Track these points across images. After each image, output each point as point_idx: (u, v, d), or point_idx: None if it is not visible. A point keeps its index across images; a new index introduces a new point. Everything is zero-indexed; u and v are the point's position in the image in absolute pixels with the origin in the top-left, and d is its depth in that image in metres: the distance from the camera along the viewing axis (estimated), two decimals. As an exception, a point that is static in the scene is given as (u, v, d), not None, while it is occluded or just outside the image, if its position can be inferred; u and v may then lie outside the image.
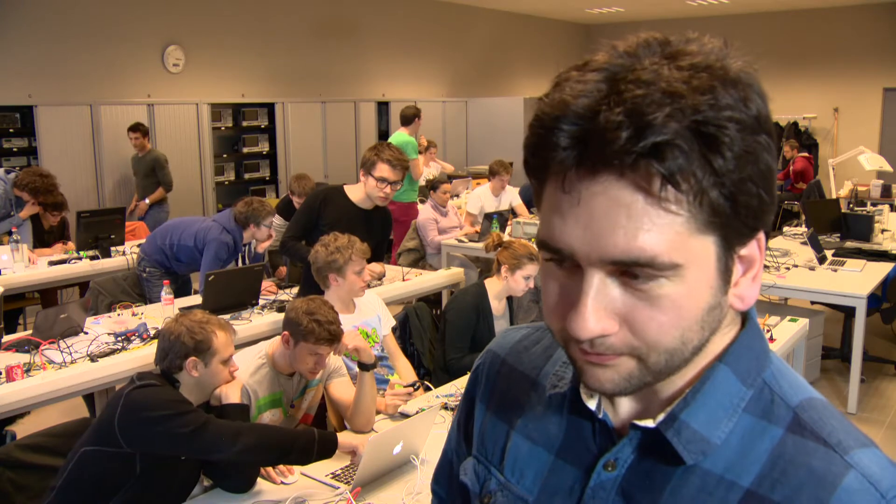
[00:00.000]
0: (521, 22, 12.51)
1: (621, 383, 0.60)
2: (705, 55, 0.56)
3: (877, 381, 4.99)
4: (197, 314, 2.30)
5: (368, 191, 3.60)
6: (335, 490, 2.25)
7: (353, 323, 3.15)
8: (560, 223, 0.58)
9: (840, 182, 8.89)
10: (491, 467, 0.79)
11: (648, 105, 0.53)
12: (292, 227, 3.72)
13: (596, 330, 0.57)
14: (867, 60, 11.61)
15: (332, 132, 9.28)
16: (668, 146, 0.52)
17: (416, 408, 2.82)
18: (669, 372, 0.61)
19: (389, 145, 3.64)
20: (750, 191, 0.56)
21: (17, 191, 5.05)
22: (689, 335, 0.59)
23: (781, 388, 0.65)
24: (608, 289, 0.57)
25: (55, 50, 6.91)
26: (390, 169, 3.52)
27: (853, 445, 0.61)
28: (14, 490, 2.25)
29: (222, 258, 4.30)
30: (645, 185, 0.54)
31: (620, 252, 0.55)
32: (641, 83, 0.54)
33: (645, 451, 0.66)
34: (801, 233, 5.96)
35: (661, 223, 0.55)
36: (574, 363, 0.63)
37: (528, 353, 0.82)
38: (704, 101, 0.53)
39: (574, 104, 0.55)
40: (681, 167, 0.53)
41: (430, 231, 6.10)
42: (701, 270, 0.57)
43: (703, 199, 0.55)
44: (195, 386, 2.23)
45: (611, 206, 0.55)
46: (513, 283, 3.46)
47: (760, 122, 0.56)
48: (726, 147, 0.53)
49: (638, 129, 0.52)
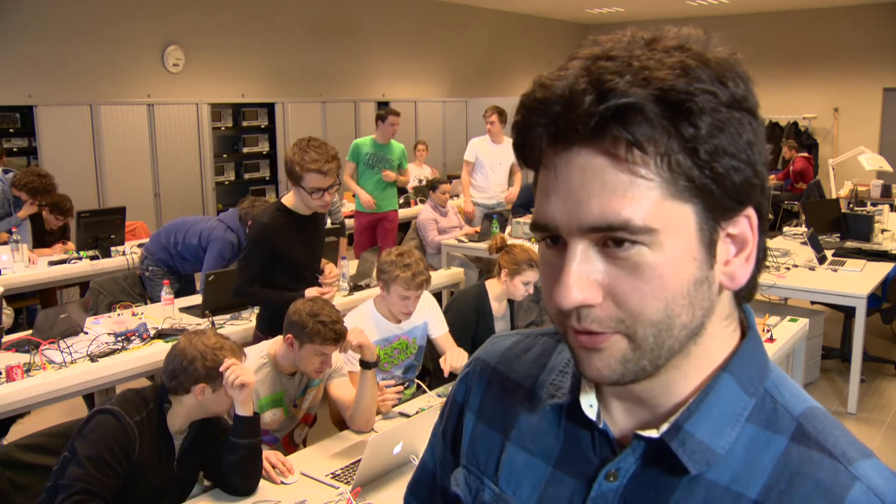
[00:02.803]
0: (521, 22, 12.52)
1: (618, 368, 0.60)
2: (681, 40, 0.58)
3: (877, 381, 4.99)
4: (210, 337, 2.22)
5: (304, 201, 3.06)
6: (335, 490, 2.24)
7: (394, 333, 3.10)
8: (544, 200, 0.60)
9: (840, 182, 8.89)
10: (484, 478, 0.78)
11: (612, 73, 0.55)
12: (245, 272, 3.10)
13: (578, 298, 0.58)
14: (867, 60, 11.62)
15: (332, 132, 9.28)
16: (631, 109, 0.54)
17: (415, 408, 2.82)
18: (662, 353, 0.60)
19: (312, 145, 3.00)
20: (727, 163, 0.56)
21: (15, 191, 5.05)
22: (675, 308, 0.58)
23: (784, 397, 0.65)
24: (590, 259, 0.58)
25: (55, 50, 6.91)
26: (321, 178, 2.98)
27: (857, 456, 0.61)
28: (14, 490, 2.25)
29: (226, 257, 4.30)
30: (612, 150, 0.56)
31: (596, 218, 0.57)
32: (611, 58, 0.56)
33: (647, 461, 0.65)
34: (801, 233, 5.96)
35: (634, 188, 0.56)
36: (572, 352, 0.63)
37: (520, 361, 0.81)
38: (672, 73, 0.55)
39: (553, 86, 0.58)
40: (645, 132, 0.55)
41: (430, 231, 6.10)
42: (680, 239, 0.58)
43: (671, 164, 0.56)
44: (196, 407, 2.20)
45: (585, 174, 0.57)
46: (512, 288, 3.47)
47: (737, 99, 0.57)
48: (695, 115, 0.55)
49: (600, 93, 0.55)
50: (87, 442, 2.02)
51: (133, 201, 6.86)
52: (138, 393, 2.18)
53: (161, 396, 2.19)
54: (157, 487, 2.17)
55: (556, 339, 0.81)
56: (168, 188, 7.71)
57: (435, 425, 0.90)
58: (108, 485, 2.01)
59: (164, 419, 2.18)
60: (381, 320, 3.07)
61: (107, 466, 2.01)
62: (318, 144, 3.01)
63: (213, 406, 2.22)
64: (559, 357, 0.78)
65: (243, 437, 2.21)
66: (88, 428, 2.05)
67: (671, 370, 0.62)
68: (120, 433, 2.05)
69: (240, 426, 2.21)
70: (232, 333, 3.54)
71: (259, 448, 2.26)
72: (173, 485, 2.24)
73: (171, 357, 2.19)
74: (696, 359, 0.63)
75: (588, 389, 0.71)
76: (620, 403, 0.68)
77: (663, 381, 0.63)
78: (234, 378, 2.16)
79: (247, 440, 2.21)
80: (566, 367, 0.75)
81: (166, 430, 2.19)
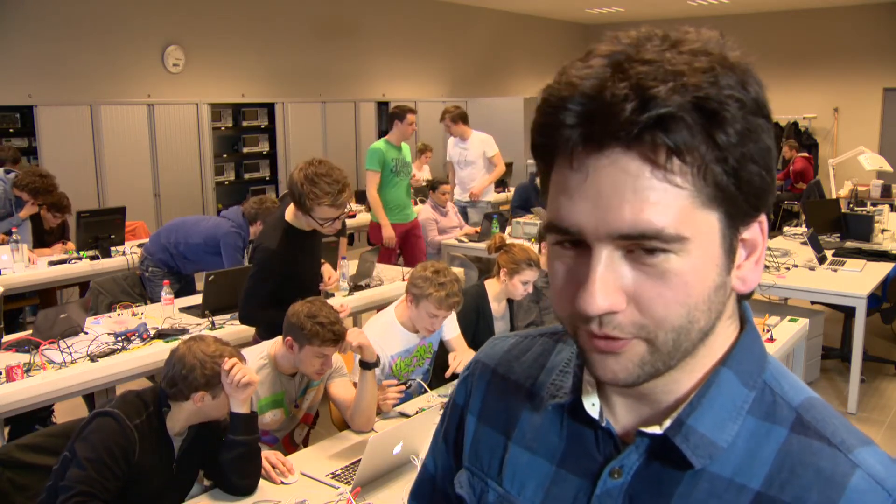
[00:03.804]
0: (521, 22, 12.52)
1: (634, 370, 0.60)
2: (704, 42, 0.58)
3: (877, 381, 4.99)
4: (210, 344, 2.21)
5: (311, 225, 2.98)
6: (335, 490, 2.24)
7: (414, 343, 3.05)
8: (567, 202, 0.59)
9: (840, 182, 8.89)
10: (488, 479, 0.78)
11: (653, 79, 0.54)
12: (257, 295, 3.00)
13: (604, 305, 0.57)
14: (867, 60, 11.62)
15: (332, 132, 9.28)
16: (673, 118, 0.54)
17: (415, 408, 2.82)
18: (677, 355, 0.60)
19: (320, 175, 2.84)
20: (752, 169, 0.57)
21: (16, 191, 5.05)
22: (696, 314, 0.59)
23: (782, 389, 0.66)
24: (616, 265, 0.58)
25: (55, 50, 6.91)
26: (334, 210, 2.90)
27: (856, 444, 0.62)
28: (13, 490, 2.25)
29: (240, 248, 4.33)
30: (652, 156, 0.55)
31: (628, 225, 0.56)
32: (645, 62, 0.55)
33: (651, 457, 0.66)
34: (801, 233, 5.96)
35: (666, 196, 0.56)
36: (583, 354, 0.63)
37: (520, 363, 0.81)
38: (705, 79, 0.55)
39: (581, 84, 0.56)
40: (685, 140, 0.54)
41: (430, 231, 6.10)
42: (706, 246, 0.58)
43: (706, 174, 0.56)
44: (195, 413, 2.20)
45: (617, 179, 0.56)
46: (511, 288, 3.47)
47: (759, 104, 0.57)
48: (728, 123, 0.55)
49: (643, 100, 0.54)
50: (88, 444, 2.03)
51: (133, 201, 6.86)
52: (138, 395, 2.18)
53: (160, 400, 2.19)
54: (156, 489, 2.17)
55: (554, 339, 0.81)
56: (168, 188, 7.71)
57: (436, 429, 0.90)
58: (108, 487, 2.01)
59: (164, 422, 2.19)
60: (404, 331, 3.02)
61: (107, 469, 2.01)
62: (325, 172, 2.84)
63: (213, 412, 2.22)
64: (558, 357, 0.78)
65: (241, 434, 2.21)
66: (89, 430, 2.05)
67: (678, 370, 0.63)
68: (120, 436, 2.06)
69: (237, 424, 2.22)
70: (232, 333, 3.54)
71: (257, 446, 2.26)
72: (172, 486, 2.24)
73: (171, 364, 2.18)
74: (702, 357, 0.64)
75: (590, 389, 0.71)
76: (623, 400, 0.69)
77: (668, 379, 0.64)
78: (240, 378, 2.16)
79: (244, 437, 2.21)
80: (566, 367, 0.76)
81: (165, 432, 2.19)
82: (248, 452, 2.22)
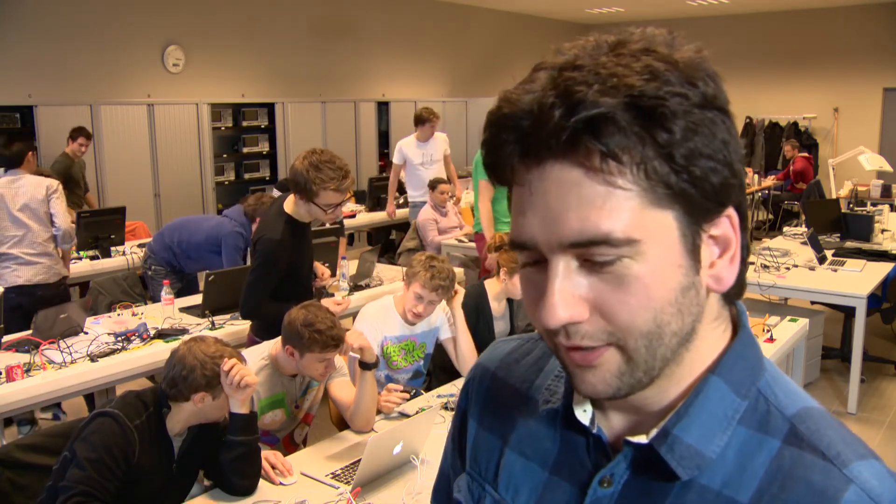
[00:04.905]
0: (521, 22, 12.52)
1: (614, 382, 0.59)
2: (648, 41, 0.57)
3: (877, 381, 4.99)
4: (211, 345, 2.21)
5: (312, 213, 2.99)
6: (335, 490, 2.25)
7: (404, 333, 3.10)
8: (521, 218, 0.59)
9: (840, 182, 8.89)
10: (485, 484, 0.77)
11: (579, 84, 0.54)
12: (260, 289, 2.98)
13: (564, 317, 0.57)
14: (867, 60, 11.61)
15: (332, 132, 9.28)
16: (603, 120, 0.53)
17: (415, 408, 2.82)
18: (655, 363, 0.59)
19: (324, 161, 2.89)
20: (704, 164, 0.55)
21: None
22: (664, 317, 0.57)
23: (777, 398, 0.64)
24: (573, 275, 0.57)
25: (55, 50, 6.91)
26: (338, 195, 2.93)
27: (852, 458, 0.60)
28: (13, 490, 2.25)
29: (241, 248, 4.33)
30: (586, 161, 0.55)
31: (576, 233, 0.55)
32: (575, 68, 0.55)
33: (639, 467, 0.64)
34: (801, 233, 5.96)
35: (611, 200, 0.55)
36: (566, 370, 0.62)
37: (519, 366, 0.80)
38: (641, 78, 0.54)
39: (519, 101, 0.56)
40: (618, 141, 0.54)
41: (430, 231, 6.10)
42: (663, 247, 0.57)
43: (648, 172, 0.55)
44: (195, 413, 2.21)
45: (560, 189, 0.56)
46: (511, 287, 3.47)
47: (708, 98, 0.56)
48: (668, 120, 0.54)
49: (570, 106, 0.54)
50: (88, 444, 2.03)
51: (133, 201, 6.86)
52: (138, 396, 2.18)
53: (160, 400, 2.19)
54: (156, 489, 2.17)
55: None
56: (168, 188, 7.71)
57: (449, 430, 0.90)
58: (108, 487, 2.01)
59: (164, 423, 2.19)
60: (399, 319, 3.10)
61: (107, 469, 2.01)
62: (328, 159, 2.90)
63: (213, 413, 2.23)
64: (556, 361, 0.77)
65: (240, 434, 2.21)
66: (89, 430, 2.06)
67: (664, 378, 0.62)
68: (120, 437, 2.06)
69: (237, 424, 2.22)
70: (232, 333, 3.54)
71: (257, 446, 2.27)
72: (172, 486, 2.24)
73: (171, 365, 2.18)
74: (689, 364, 0.63)
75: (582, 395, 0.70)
76: (615, 408, 0.68)
77: (657, 389, 0.62)
78: (239, 379, 2.16)
79: (244, 437, 2.21)
80: (561, 372, 0.74)
81: (165, 433, 2.19)
82: (247, 453, 2.22)
